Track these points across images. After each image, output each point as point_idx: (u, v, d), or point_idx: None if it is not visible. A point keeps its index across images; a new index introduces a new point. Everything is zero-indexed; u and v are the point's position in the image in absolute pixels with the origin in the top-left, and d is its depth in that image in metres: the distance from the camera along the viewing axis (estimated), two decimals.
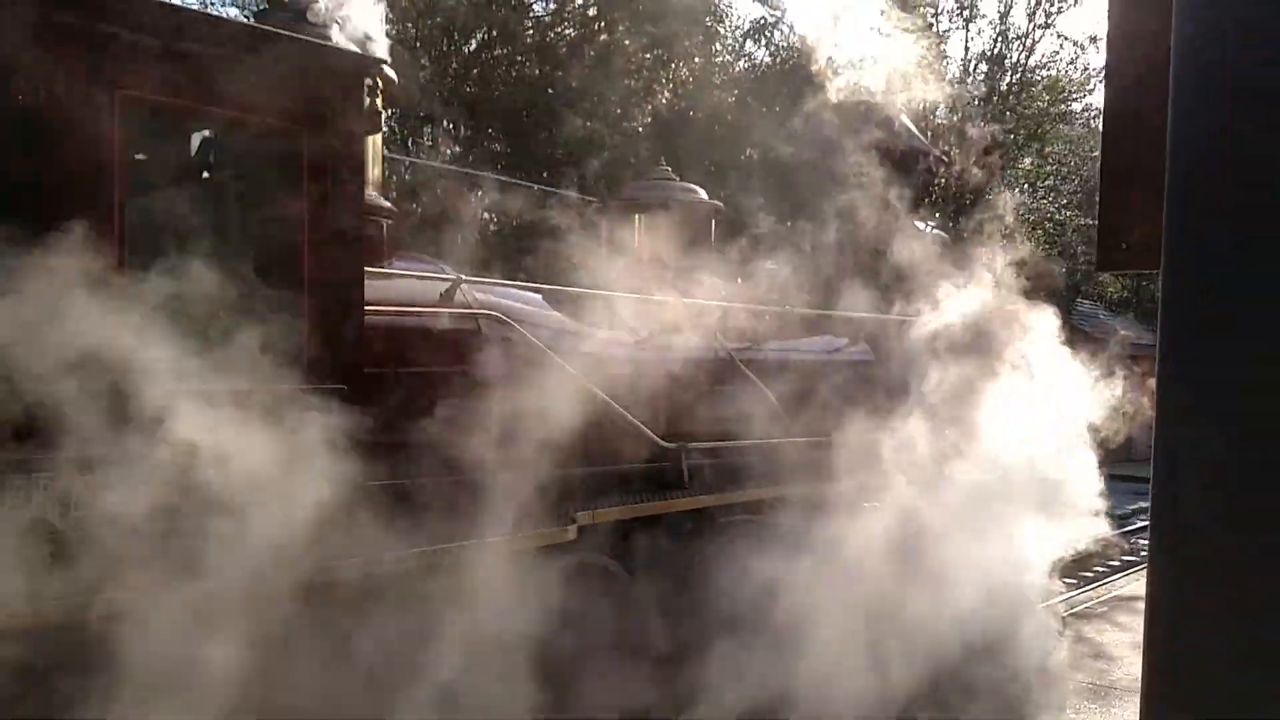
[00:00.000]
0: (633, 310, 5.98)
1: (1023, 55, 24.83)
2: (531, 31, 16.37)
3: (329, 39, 4.53)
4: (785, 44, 19.95)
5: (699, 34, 17.02)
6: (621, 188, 8.08)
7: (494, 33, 16.01)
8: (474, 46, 16.65)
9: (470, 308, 5.01)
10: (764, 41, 19.91)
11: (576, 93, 14.92)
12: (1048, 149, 25.89)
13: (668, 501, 5.53)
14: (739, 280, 6.89)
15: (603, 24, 16.55)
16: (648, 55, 16.64)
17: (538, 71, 15.85)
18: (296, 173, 4.06)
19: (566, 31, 17.17)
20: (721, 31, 18.89)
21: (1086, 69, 24.88)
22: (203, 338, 3.49)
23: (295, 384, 3.76)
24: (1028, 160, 25.72)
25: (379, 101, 5.05)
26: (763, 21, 19.89)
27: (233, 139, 4.08)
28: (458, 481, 4.31)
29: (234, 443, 3.37)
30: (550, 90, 14.93)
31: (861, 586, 5.42)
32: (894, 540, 5.66)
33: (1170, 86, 1.16)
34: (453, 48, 16.00)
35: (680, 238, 6.67)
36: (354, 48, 4.60)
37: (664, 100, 16.40)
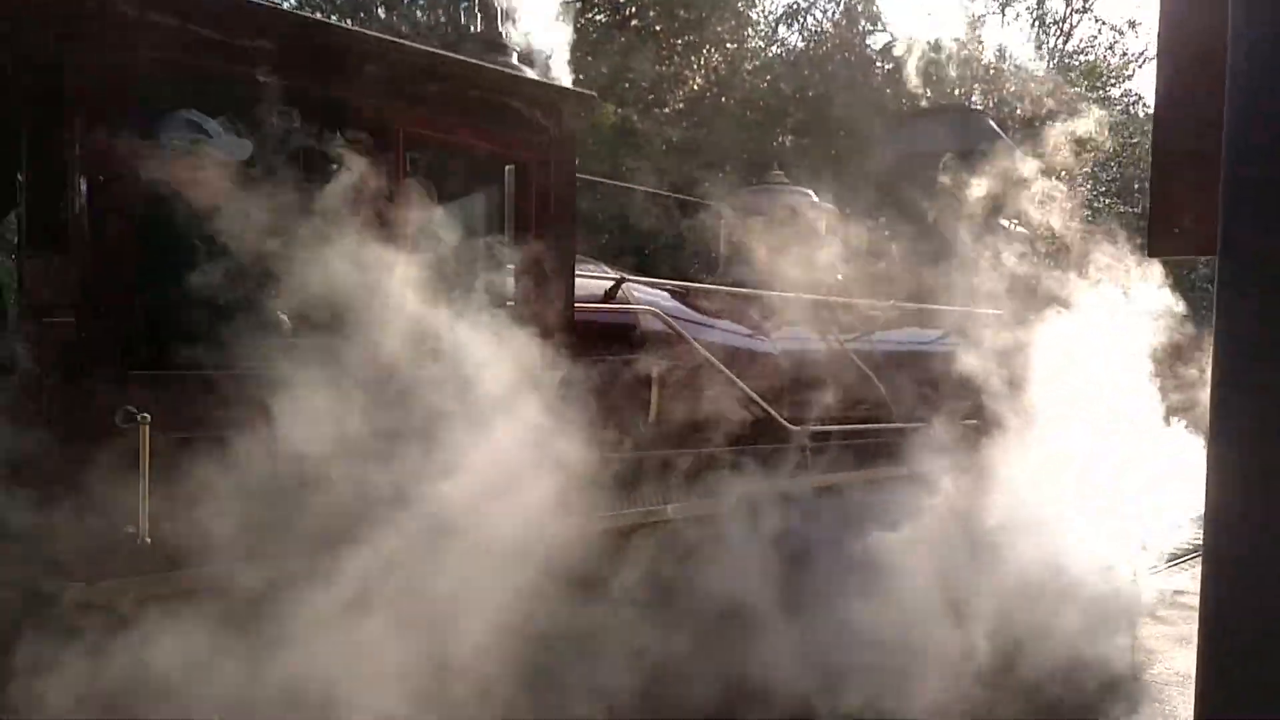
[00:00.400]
0: (756, 305, 6.56)
1: (1060, 40, 24.53)
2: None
3: (516, 65, 5.12)
4: (818, 28, 19.81)
5: (730, 19, 16.93)
6: (740, 193, 8.69)
7: None
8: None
9: (629, 304, 5.60)
10: (798, 26, 19.78)
11: (607, 78, 14.88)
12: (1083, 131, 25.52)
13: (811, 477, 6.16)
14: (844, 277, 7.44)
15: (633, 9, 16.50)
16: (679, 41, 16.57)
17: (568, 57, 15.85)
18: (536, 191, 4.75)
19: (597, 18, 17.13)
20: (754, 16, 18.79)
21: (1125, 54, 24.53)
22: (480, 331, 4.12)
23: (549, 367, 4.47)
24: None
25: None
26: (795, 6, 19.77)
27: (489, 164, 4.73)
28: (643, 456, 5.10)
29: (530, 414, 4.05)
30: (581, 76, 14.90)
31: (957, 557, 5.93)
32: (994, 517, 6.09)
33: (1226, 70, 1.14)
34: None
35: (794, 237, 7.20)
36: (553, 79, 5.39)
37: (696, 86, 16.34)
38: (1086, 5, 23.88)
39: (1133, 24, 23.75)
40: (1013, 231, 8.87)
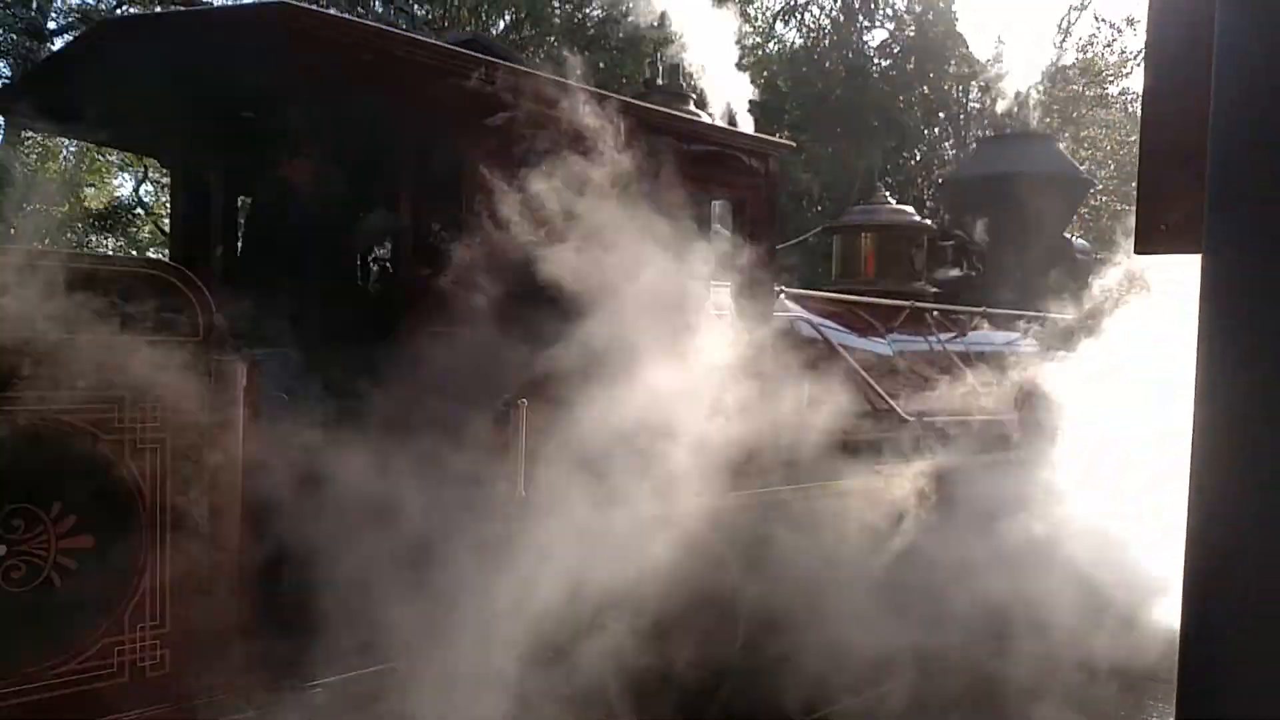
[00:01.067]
0: (871, 311, 7.85)
1: (1058, 38, 24.47)
2: (559, 12, 16.31)
3: (694, 111, 6.25)
4: (815, 25, 19.79)
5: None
6: (851, 211, 10.05)
7: (522, 13, 15.97)
8: (502, 27, 16.64)
9: (785, 313, 6.71)
10: (795, 23, 19.77)
11: (606, 74, 14.86)
12: (1083, 133, 25.56)
13: (933, 462, 7.04)
14: (933, 285, 8.95)
15: (630, 4, 16.47)
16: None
17: (566, 53, 15.84)
18: (750, 220, 6.03)
19: (594, 12, 17.10)
20: (750, 13, 18.76)
21: (1124, 52, 24.49)
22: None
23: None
24: (1062, 145, 25.37)
25: None
26: (793, 3, 19.74)
27: (720, 204, 6.14)
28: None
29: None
30: (579, 72, 14.88)
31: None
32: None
33: (1213, 64, 1.12)
34: (480, 27, 15.99)
35: (896, 251, 8.65)
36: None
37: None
38: (1084, 3, 23.83)
39: (1131, 21, 23.69)
40: (1077, 244, 10.63)
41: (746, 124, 6.63)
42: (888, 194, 9.78)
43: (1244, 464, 1.09)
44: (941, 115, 23.42)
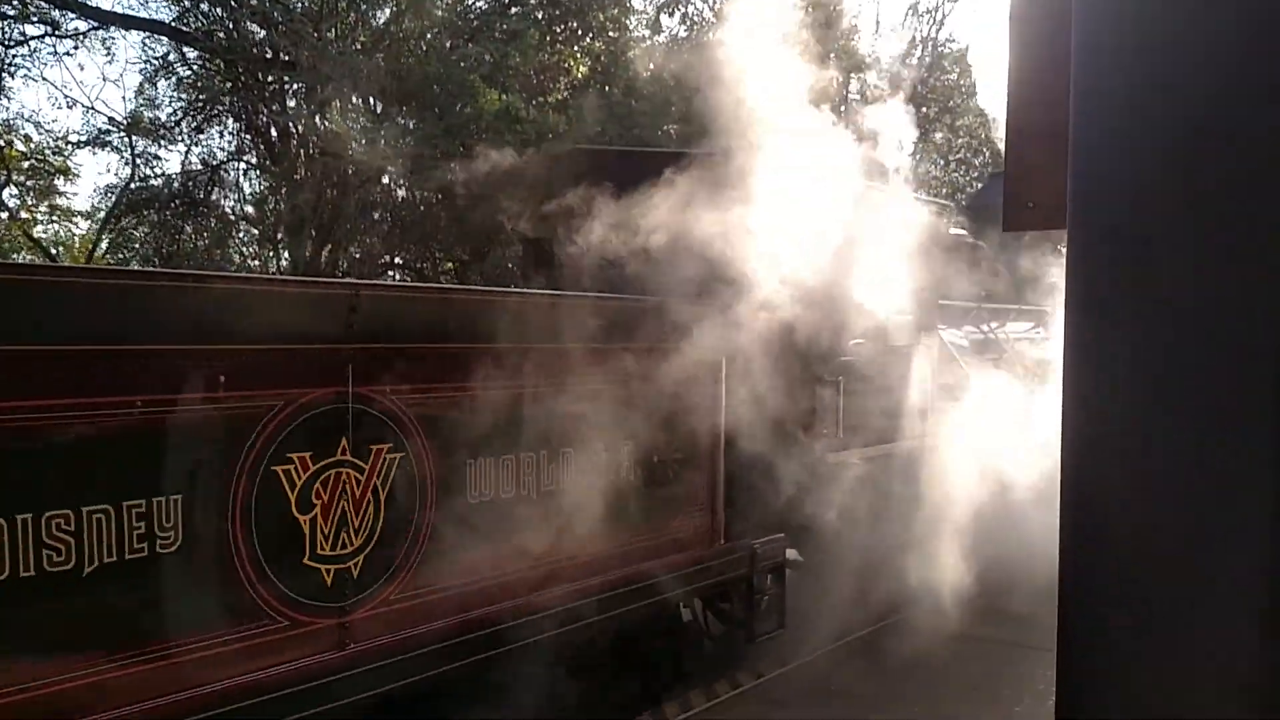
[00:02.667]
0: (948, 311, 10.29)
1: (933, 29, 25.20)
2: (441, 4, 16.05)
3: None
4: (698, 16, 19.93)
5: (612, 6, 16.88)
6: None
7: (403, 5, 15.66)
8: (383, 20, 16.29)
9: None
10: (679, 15, 19.86)
11: (490, 66, 14.69)
12: (959, 122, 26.38)
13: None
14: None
15: None
16: (560, 28, 16.46)
17: (449, 44, 15.58)
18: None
19: (477, 5, 16.89)
20: (635, 4, 18.78)
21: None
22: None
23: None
24: (939, 134, 26.15)
25: None
26: None
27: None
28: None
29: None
30: (462, 65, 14.67)
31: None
32: None
33: (1072, 43, 1.16)
34: (360, 20, 15.62)
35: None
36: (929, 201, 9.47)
37: (579, 75, 16.26)
38: None
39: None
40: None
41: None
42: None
43: (1111, 426, 1.13)
44: (825, 108, 23.86)
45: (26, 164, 17.88)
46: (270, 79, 16.01)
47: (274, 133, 16.48)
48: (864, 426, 7.67)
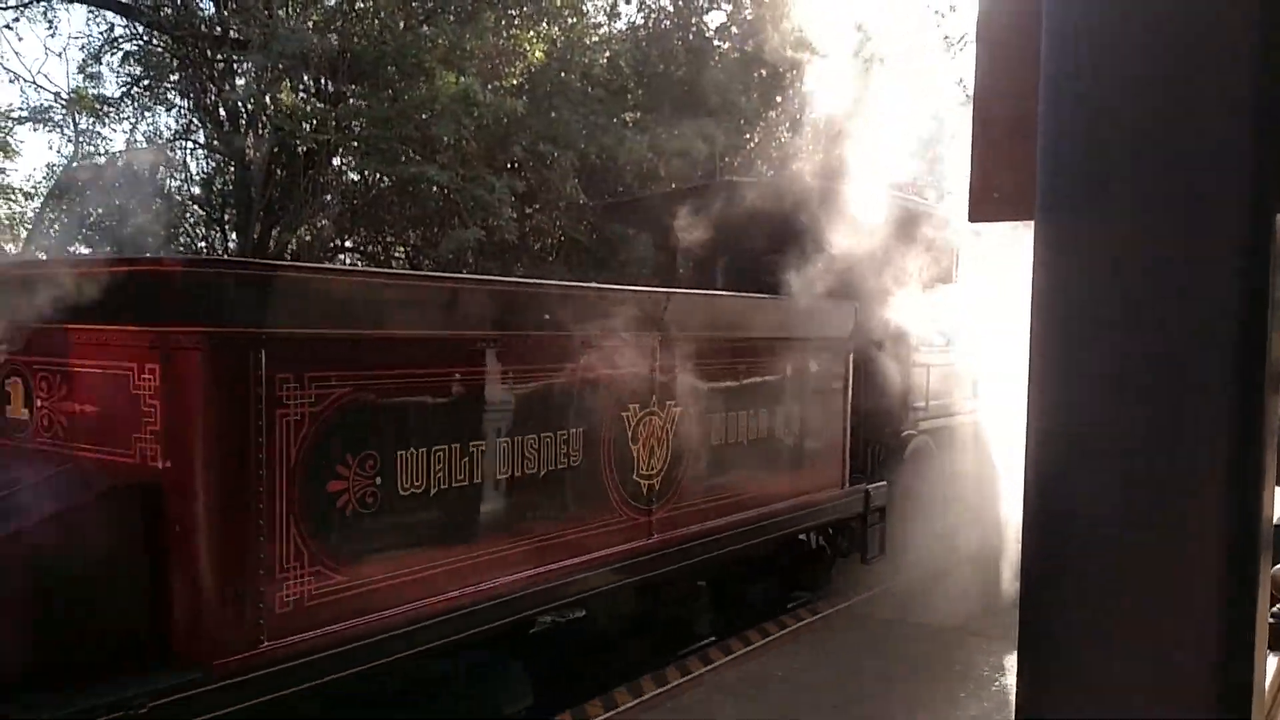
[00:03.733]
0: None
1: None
2: None
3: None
4: (655, 5, 19.87)
5: None
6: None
7: None
8: (330, 4, 16.01)
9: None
10: (636, 2, 19.78)
11: (445, 48, 14.51)
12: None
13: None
14: None
15: None
16: (515, 13, 16.31)
17: (403, 25, 15.36)
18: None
19: None
20: None
21: (947, 37, 25.55)
22: None
23: None
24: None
25: None
26: None
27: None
28: None
29: None
30: (416, 47, 14.47)
31: None
32: None
33: (1042, 38, 1.16)
34: (304, 2, 15.34)
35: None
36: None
37: (535, 60, 16.13)
38: None
39: (954, 8, 24.73)
40: None
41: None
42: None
43: (1075, 420, 1.14)
44: (779, 99, 23.98)
45: None
46: (219, 57, 15.67)
47: (223, 112, 16.14)
48: (941, 402, 9.83)
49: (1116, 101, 1.15)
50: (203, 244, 18.29)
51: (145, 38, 16.35)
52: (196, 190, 17.54)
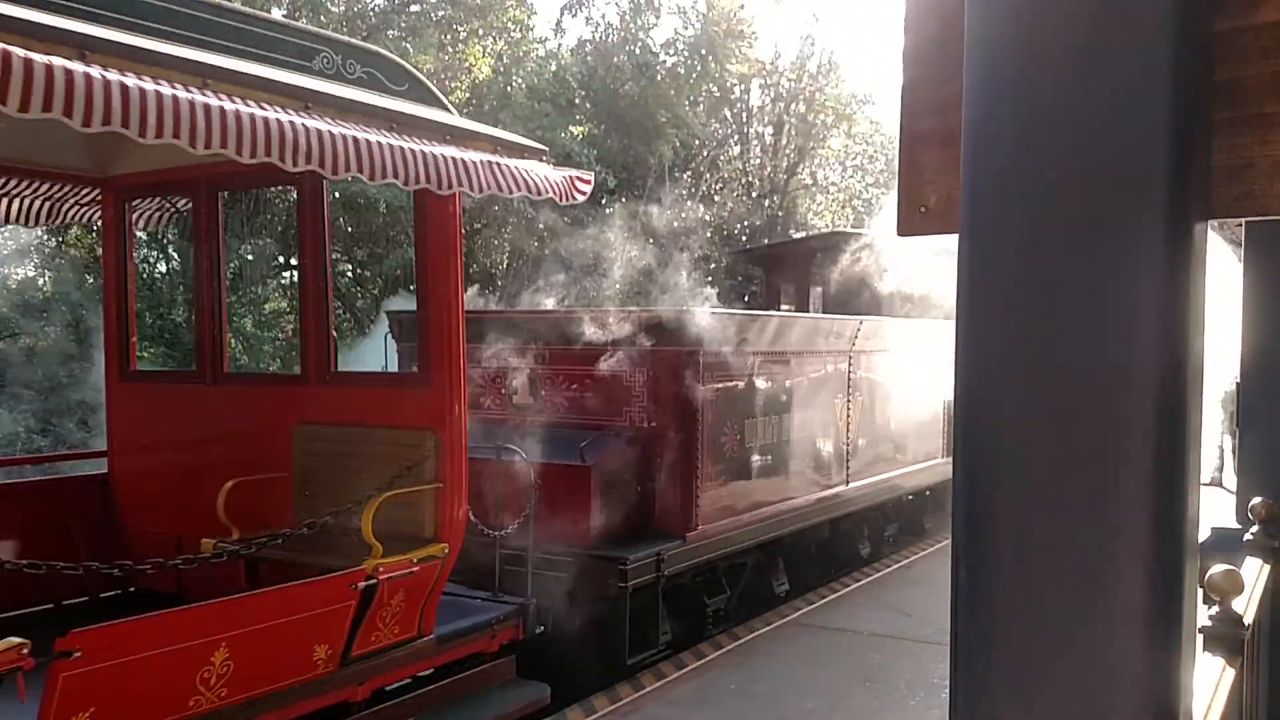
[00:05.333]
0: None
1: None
2: (339, 1, 15.71)
3: None
4: (601, 20, 19.95)
5: (514, 5, 16.77)
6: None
7: (299, 2, 15.29)
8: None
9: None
10: (583, 16, 19.84)
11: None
12: (855, 130, 26.98)
13: None
14: None
15: None
16: (462, 28, 16.28)
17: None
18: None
19: (375, 3, 16.58)
20: (535, 5, 18.70)
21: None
22: None
23: None
24: (835, 141, 26.68)
25: None
26: None
27: None
28: None
29: None
30: None
31: None
32: None
33: (964, 48, 1.18)
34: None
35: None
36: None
37: (481, 75, 16.10)
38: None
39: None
40: None
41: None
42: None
43: (1002, 423, 1.15)
44: (727, 113, 24.17)
45: None
46: None
47: None
48: None
49: (1038, 116, 1.17)
50: (145, 265, 17.92)
51: None
52: None
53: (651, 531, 7.02)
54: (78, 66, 3.12)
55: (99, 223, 6.52)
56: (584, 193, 5.41)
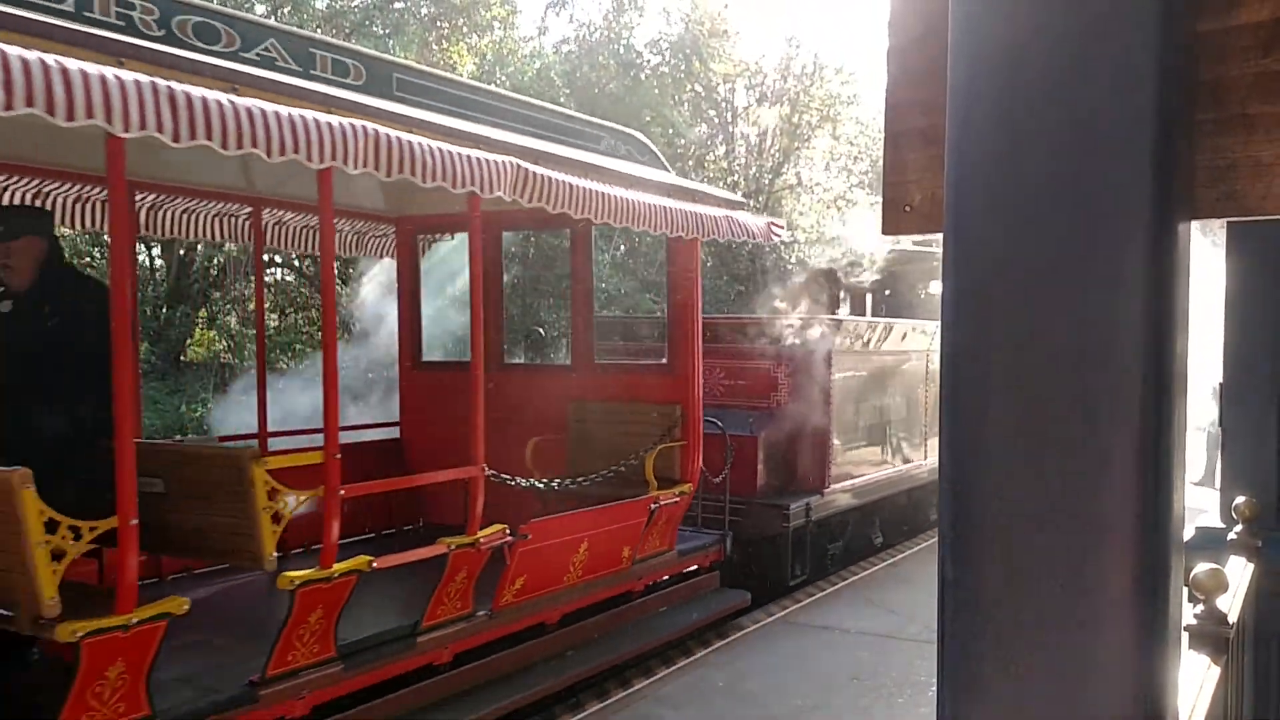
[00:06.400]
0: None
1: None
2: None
3: None
4: (586, 19, 19.93)
5: (497, 3, 16.73)
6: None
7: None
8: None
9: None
10: (567, 15, 19.82)
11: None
12: (839, 130, 27.02)
13: None
14: None
15: None
16: (445, 25, 16.23)
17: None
18: None
19: (354, 2, 16.51)
20: (518, 3, 18.67)
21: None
22: None
23: None
24: (820, 142, 26.72)
25: None
26: None
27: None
28: None
29: None
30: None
31: None
32: None
33: (948, 47, 1.18)
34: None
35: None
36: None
37: (465, 73, 16.05)
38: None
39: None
40: None
41: None
42: None
43: (988, 422, 1.15)
44: (711, 113, 24.18)
45: None
46: None
47: None
48: None
49: (1021, 115, 1.17)
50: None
51: None
52: None
53: (796, 486, 9.23)
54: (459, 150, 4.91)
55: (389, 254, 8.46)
56: (779, 235, 7.91)
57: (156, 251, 16.10)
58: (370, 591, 5.14)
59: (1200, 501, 5.04)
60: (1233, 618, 2.80)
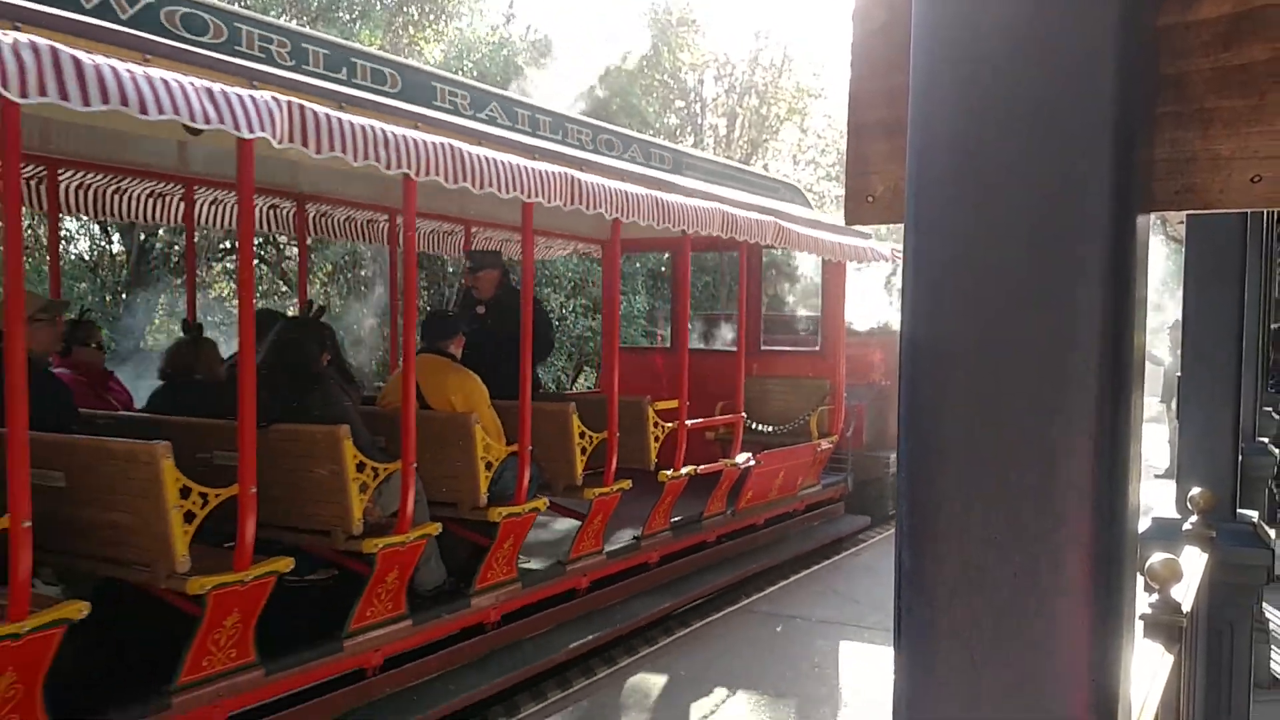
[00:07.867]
0: None
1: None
2: None
3: None
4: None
5: None
6: None
7: None
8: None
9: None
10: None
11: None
12: (807, 124, 27.12)
13: None
14: None
15: None
16: (412, 10, 16.08)
17: (294, 25, 14.98)
18: None
19: None
20: None
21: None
22: None
23: None
24: (788, 134, 26.79)
25: None
26: None
27: None
28: None
29: None
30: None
31: None
32: None
33: (911, 37, 1.18)
34: None
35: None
36: None
37: (432, 60, 15.92)
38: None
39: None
40: None
41: None
42: None
43: (944, 414, 1.15)
44: (680, 104, 24.17)
45: None
46: None
47: None
48: None
49: (981, 108, 1.17)
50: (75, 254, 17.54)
51: None
52: None
53: (884, 443, 11.95)
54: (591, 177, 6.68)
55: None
56: (885, 257, 10.44)
57: (116, 237, 15.85)
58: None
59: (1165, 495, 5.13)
60: (1186, 607, 2.84)
